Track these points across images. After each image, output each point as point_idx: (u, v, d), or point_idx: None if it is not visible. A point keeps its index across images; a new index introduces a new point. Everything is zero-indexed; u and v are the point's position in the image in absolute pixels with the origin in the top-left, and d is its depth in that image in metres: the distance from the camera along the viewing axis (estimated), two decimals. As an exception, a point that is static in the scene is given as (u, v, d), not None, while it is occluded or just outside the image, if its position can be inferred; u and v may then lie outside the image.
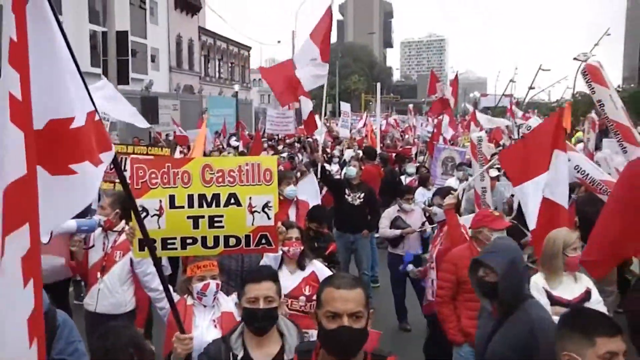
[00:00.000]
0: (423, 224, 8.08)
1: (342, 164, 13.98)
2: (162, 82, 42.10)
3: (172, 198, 3.48)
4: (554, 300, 4.34)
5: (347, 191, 8.88)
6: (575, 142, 21.14)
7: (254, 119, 44.95)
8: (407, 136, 24.30)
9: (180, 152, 18.89)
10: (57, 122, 2.53)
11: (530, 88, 43.65)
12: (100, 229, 5.17)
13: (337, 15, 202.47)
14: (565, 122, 5.54)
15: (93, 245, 5.26)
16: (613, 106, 5.91)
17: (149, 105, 26.10)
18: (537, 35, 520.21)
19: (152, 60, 41.84)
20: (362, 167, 10.47)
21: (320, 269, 4.91)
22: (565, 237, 4.44)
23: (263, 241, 3.65)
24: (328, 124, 30.16)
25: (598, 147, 11.89)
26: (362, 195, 8.85)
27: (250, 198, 3.56)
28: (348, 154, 16.27)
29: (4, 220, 2.15)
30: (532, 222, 5.23)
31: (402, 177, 12.79)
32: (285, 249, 4.72)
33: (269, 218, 3.60)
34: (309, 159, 13.68)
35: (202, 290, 3.93)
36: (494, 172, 9.22)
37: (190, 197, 3.48)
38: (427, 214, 8.17)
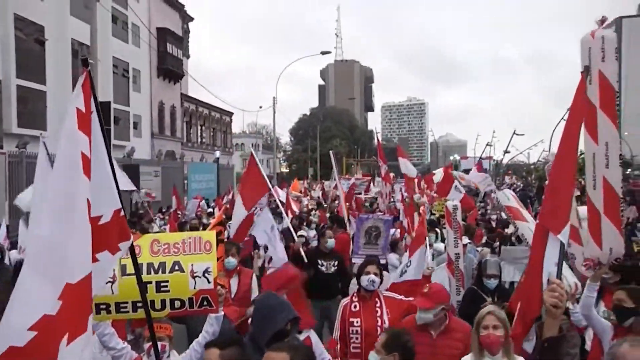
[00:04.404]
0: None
1: (319, 230, 13.97)
2: (144, 148, 42.75)
3: (123, 267, 4.02)
4: None
5: (320, 261, 9.19)
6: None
7: (235, 183, 45.54)
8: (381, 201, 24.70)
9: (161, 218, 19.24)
10: (92, 220, 3.09)
11: (506, 152, 44.76)
12: None
13: (318, 80, 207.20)
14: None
15: None
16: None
17: (130, 172, 26.49)
18: (514, 99, 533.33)
19: (135, 127, 42.61)
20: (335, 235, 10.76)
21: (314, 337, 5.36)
22: (479, 315, 4.41)
23: (205, 303, 4.18)
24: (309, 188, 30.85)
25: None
26: (337, 263, 9.21)
27: (192, 265, 4.11)
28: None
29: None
30: None
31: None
32: None
33: (209, 282, 4.13)
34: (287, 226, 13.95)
35: (146, 351, 4.42)
36: (465, 239, 9.70)
37: (140, 265, 4.02)
38: None
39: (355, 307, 5.85)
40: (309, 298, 8.71)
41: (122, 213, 3.43)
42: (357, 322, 5.74)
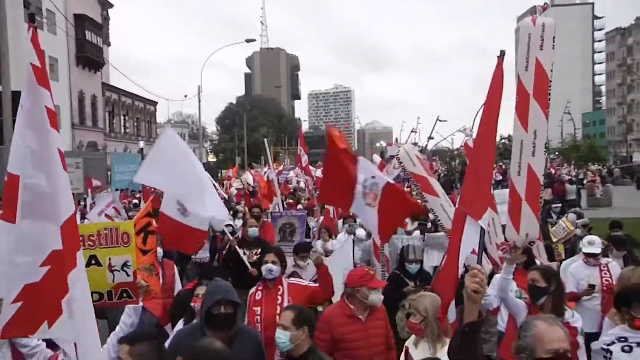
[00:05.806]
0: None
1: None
2: (64, 139, 41.17)
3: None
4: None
5: (244, 250, 9.08)
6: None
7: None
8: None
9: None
10: None
11: (430, 138, 45.67)
12: None
13: (244, 69, 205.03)
14: None
15: None
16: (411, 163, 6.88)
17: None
18: (438, 87, 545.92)
19: (53, 118, 41.11)
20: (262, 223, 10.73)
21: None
22: None
23: (124, 295, 4.08)
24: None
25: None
26: (259, 251, 9.02)
27: (109, 259, 3.99)
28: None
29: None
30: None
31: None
32: None
33: (127, 275, 4.04)
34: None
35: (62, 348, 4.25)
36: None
37: None
38: None
39: (258, 295, 5.90)
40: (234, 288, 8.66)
41: None
42: (258, 310, 5.76)
